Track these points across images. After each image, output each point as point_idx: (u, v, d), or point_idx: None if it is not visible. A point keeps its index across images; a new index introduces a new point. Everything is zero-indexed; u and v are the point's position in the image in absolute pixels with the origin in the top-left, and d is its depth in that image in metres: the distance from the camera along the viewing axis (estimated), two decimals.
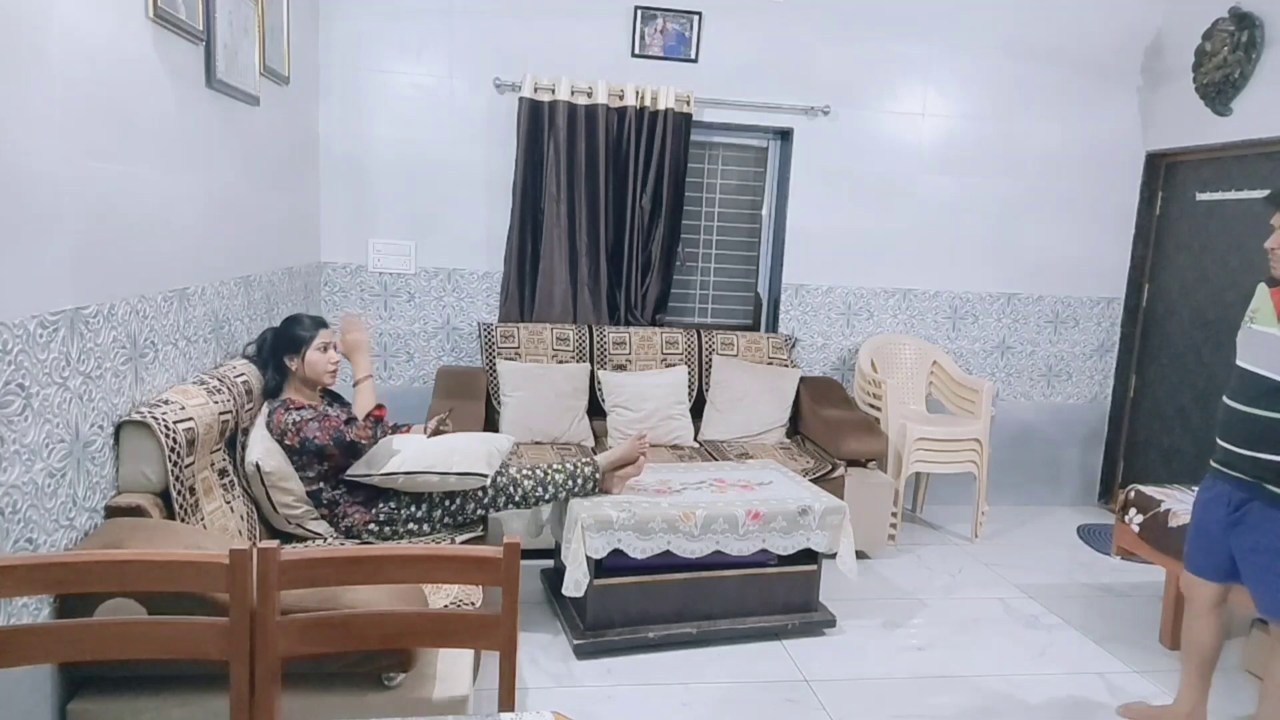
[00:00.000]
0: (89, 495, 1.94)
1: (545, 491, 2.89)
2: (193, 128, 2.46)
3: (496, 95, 4.09)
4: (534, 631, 3.03)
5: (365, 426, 2.63)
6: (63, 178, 1.80)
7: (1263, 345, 2.22)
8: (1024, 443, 4.80)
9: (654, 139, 4.13)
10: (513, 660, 1.47)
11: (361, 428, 2.62)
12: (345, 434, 2.59)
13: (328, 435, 2.58)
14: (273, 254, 3.30)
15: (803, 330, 4.56)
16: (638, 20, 4.14)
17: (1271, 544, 2.22)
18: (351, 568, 1.46)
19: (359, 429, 2.62)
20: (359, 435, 2.60)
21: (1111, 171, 4.67)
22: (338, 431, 2.59)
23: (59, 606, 1.80)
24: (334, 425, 2.60)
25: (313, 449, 2.57)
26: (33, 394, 1.70)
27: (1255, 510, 2.25)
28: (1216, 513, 2.36)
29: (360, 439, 2.60)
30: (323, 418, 2.61)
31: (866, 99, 4.41)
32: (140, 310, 2.16)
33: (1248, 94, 3.98)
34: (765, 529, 2.99)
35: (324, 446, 2.57)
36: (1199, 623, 2.49)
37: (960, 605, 3.51)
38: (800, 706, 2.72)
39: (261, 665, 1.36)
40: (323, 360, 2.73)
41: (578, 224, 4.13)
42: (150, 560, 1.39)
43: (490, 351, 3.99)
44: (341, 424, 2.61)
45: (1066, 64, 4.51)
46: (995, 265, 4.66)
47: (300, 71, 3.56)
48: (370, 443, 2.63)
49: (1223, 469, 2.36)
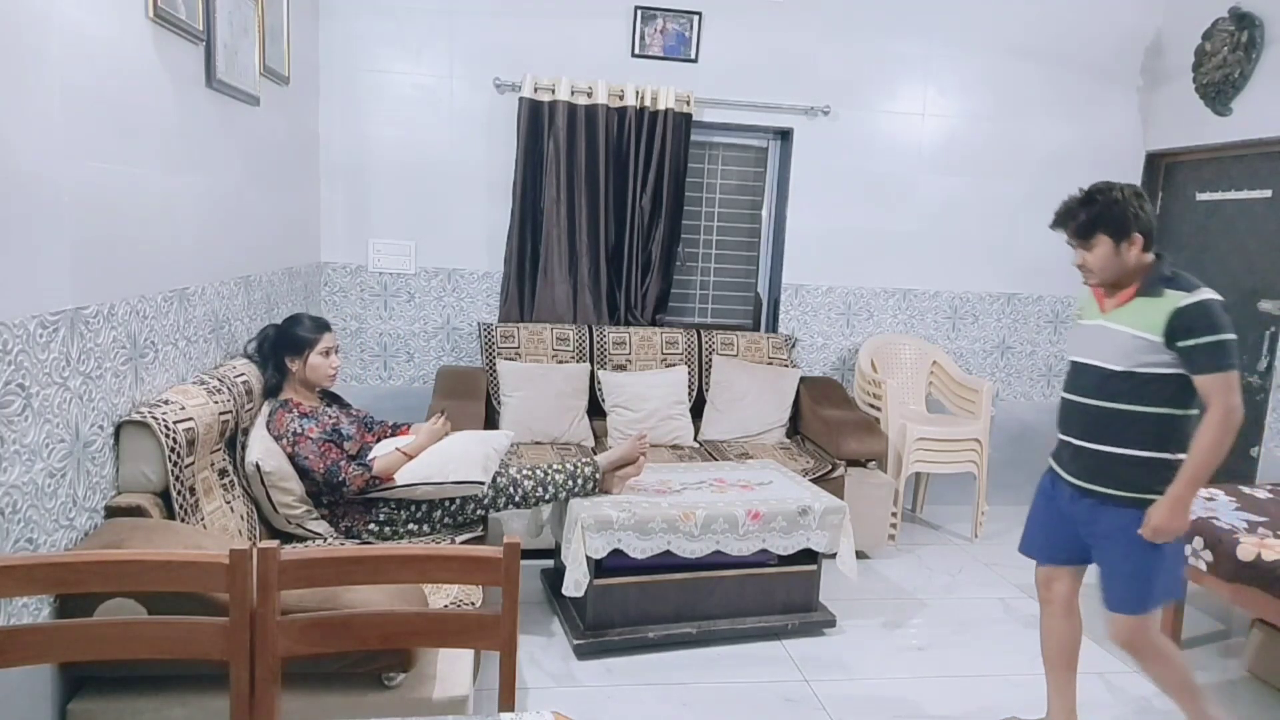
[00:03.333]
0: (89, 495, 1.94)
1: (545, 491, 2.89)
2: (193, 128, 2.46)
3: (496, 95, 4.09)
4: (534, 632, 3.03)
5: (364, 480, 2.57)
6: (63, 178, 1.80)
7: (1090, 337, 2.30)
8: (1024, 443, 4.80)
9: (654, 139, 4.13)
10: (513, 660, 1.47)
11: (360, 478, 2.57)
12: (341, 472, 2.54)
13: (323, 464, 2.54)
14: (273, 254, 3.30)
15: (803, 330, 4.56)
16: (638, 20, 4.14)
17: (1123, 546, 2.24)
18: (351, 568, 1.46)
19: (357, 478, 2.56)
20: (352, 483, 2.56)
21: (1111, 171, 4.61)
22: (334, 465, 2.55)
23: (59, 606, 1.80)
24: (334, 458, 2.56)
25: (301, 466, 2.55)
26: (33, 394, 1.70)
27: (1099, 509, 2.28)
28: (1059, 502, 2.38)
29: (352, 487, 2.56)
30: (324, 442, 2.58)
31: (866, 99, 4.41)
32: (140, 310, 2.16)
33: (1248, 94, 3.98)
34: (765, 529, 2.99)
35: (311, 471, 2.55)
36: (1057, 623, 2.48)
37: (960, 605, 3.51)
38: (800, 706, 2.72)
39: (261, 665, 1.36)
40: (324, 365, 2.73)
41: (578, 224, 4.13)
42: (150, 560, 1.39)
43: (490, 351, 3.99)
44: (342, 458, 2.57)
45: (1067, 64, 4.51)
46: (995, 265, 4.66)
47: (300, 71, 3.56)
48: (358, 495, 2.60)
49: (1056, 464, 2.41)
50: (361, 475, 2.57)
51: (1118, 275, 2.24)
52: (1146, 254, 2.23)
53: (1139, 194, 2.22)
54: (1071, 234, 2.27)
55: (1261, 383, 3.97)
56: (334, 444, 2.61)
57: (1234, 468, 4.06)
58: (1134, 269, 2.23)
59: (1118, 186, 2.22)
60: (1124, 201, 2.19)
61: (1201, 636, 3.31)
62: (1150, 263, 2.23)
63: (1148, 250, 2.23)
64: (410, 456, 2.68)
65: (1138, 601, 2.25)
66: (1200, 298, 2.12)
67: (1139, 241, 2.19)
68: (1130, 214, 2.18)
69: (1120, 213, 2.18)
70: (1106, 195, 2.21)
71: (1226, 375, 2.08)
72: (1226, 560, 2.73)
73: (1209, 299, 2.12)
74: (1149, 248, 2.23)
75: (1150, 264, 2.22)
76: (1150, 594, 2.25)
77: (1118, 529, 2.23)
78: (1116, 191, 2.21)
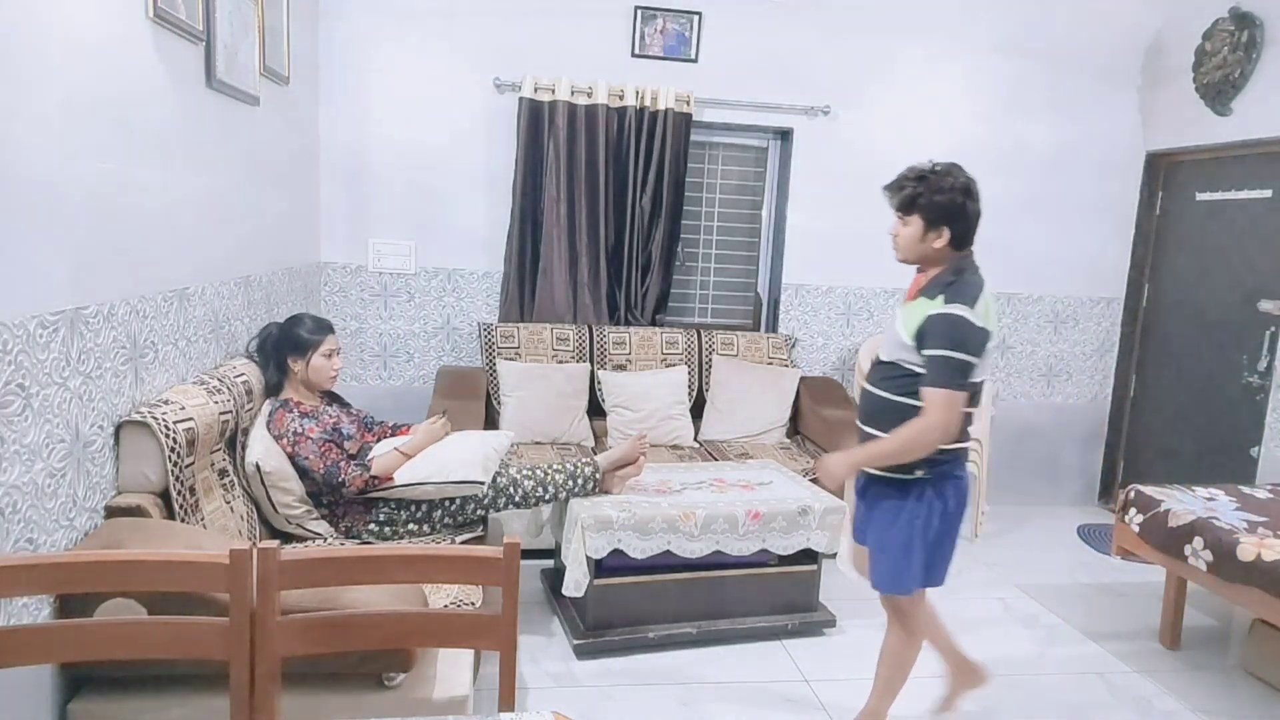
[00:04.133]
0: (89, 495, 1.94)
1: (545, 491, 2.89)
2: (193, 128, 2.46)
3: (496, 95, 4.09)
4: (534, 631, 3.03)
5: (363, 480, 2.58)
6: (63, 178, 1.80)
7: (888, 325, 2.31)
8: (1024, 443, 4.80)
9: (654, 139, 4.13)
10: (513, 660, 1.47)
11: (359, 478, 2.57)
12: (340, 472, 2.55)
13: (322, 464, 2.55)
14: (273, 254, 3.30)
15: (803, 330, 4.56)
16: (638, 20, 4.14)
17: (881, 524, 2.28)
18: (351, 568, 1.46)
19: (357, 479, 2.56)
20: (351, 484, 2.56)
21: (1111, 171, 4.67)
22: (334, 466, 2.55)
23: (59, 606, 1.80)
24: (333, 458, 2.57)
25: (300, 466, 2.55)
26: (33, 394, 1.70)
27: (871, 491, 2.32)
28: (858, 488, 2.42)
29: (351, 487, 2.57)
30: (324, 442, 2.58)
31: (866, 99, 4.41)
32: (140, 310, 2.16)
33: (1248, 94, 3.98)
34: (765, 529, 2.99)
35: (311, 471, 2.55)
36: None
37: (960, 605, 3.51)
38: (800, 706, 2.72)
39: (261, 665, 1.36)
40: (326, 366, 2.73)
41: (578, 224, 4.13)
42: (150, 560, 1.39)
43: (490, 351, 3.99)
44: (342, 458, 2.58)
45: (1067, 64, 4.51)
46: (995, 265, 4.59)
47: (300, 71, 3.56)
48: (358, 495, 2.60)
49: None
50: (361, 475, 2.57)
51: (917, 258, 2.25)
52: (957, 252, 2.21)
53: (969, 190, 2.21)
54: (893, 203, 2.28)
55: (1261, 383, 3.97)
56: (334, 444, 2.61)
57: (1234, 468, 4.06)
58: (935, 261, 2.22)
59: (957, 175, 2.21)
60: (949, 192, 2.18)
61: (1201, 636, 3.31)
62: (952, 264, 2.20)
63: (961, 249, 2.21)
64: (409, 456, 2.67)
65: (892, 580, 2.28)
66: (950, 311, 2.09)
67: (946, 236, 2.18)
68: (950, 207, 2.17)
69: (941, 202, 2.17)
70: (937, 180, 2.19)
71: (946, 394, 2.06)
72: (1226, 560, 2.73)
73: (956, 314, 2.08)
74: (961, 247, 2.21)
75: (950, 265, 2.20)
76: (902, 576, 2.26)
77: (877, 508, 2.27)
78: (950, 179, 2.19)
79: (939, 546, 2.25)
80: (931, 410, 2.07)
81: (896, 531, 2.23)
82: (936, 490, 2.21)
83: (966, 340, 2.08)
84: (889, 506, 2.25)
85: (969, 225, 2.21)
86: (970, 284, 2.16)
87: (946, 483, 2.22)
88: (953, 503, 2.24)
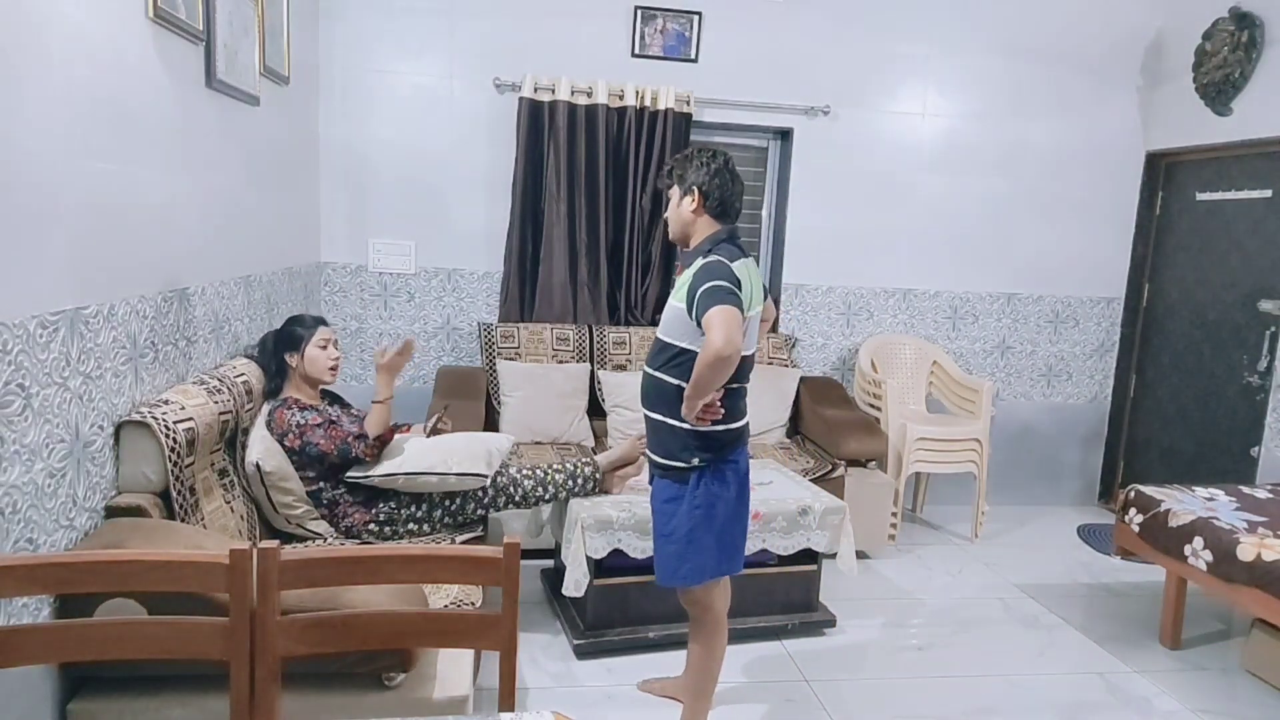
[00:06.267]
0: (89, 495, 1.94)
1: (545, 491, 2.89)
2: (193, 128, 2.46)
3: (496, 95, 4.09)
4: (534, 631, 3.03)
5: (373, 448, 2.61)
6: (63, 178, 1.80)
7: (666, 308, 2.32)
8: (1024, 443, 4.80)
9: (654, 139, 4.13)
10: (513, 660, 1.47)
11: (370, 448, 2.60)
12: (352, 449, 2.58)
13: (333, 445, 2.57)
14: (273, 254, 3.30)
15: (803, 330, 4.56)
16: (638, 20, 4.13)
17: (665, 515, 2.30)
18: (351, 568, 1.46)
19: (366, 448, 2.60)
20: (364, 454, 2.59)
21: (1111, 171, 4.67)
22: (344, 444, 2.58)
23: (59, 606, 1.80)
24: (341, 437, 2.58)
25: (313, 454, 2.56)
26: (33, 394, 1.70)
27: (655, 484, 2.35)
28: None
29: (365, 457, 2.60)
30: (329, 425, 2.60)
31: (866, 99, 4.41)
32: (140, 310, 2.16)
33: (1248, 94, 3.98)
34: (765, 529, 2.98)
35: (325, 455, 2.57)
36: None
37: (960, 605, 3.51)
38: (800, 706, 2.72)
39: (261, 665, 1.36)
40: (323, 357, 2.73)
41: (578, 224, 4.13)
42: (150, 560, 1.39)
43: (490, 351, 3.99)
44: (350, 438, 2.60)
45: (1067, 64, 4.51)
46: (995, 265, 4.66)
47: (300, 71, 3.56)
48: (374, 462, 2.63)
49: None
50: (367, 444, 2.59)
51: (679, 230, 2.30)
52: (714, 224, 2.25)
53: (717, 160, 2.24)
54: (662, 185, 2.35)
55: (1261, 383, 3.97)
56: (336, 424, 2.62)
57: (1234, 468, 4.07)
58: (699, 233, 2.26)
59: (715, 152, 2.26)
60: (696, 156, 2.24)
61: (1201, 636, 3.31)
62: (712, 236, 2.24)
63: (720, 221, 2.25)
64: (384, 401, 2.68)
65: (673, 571, 2.29)
66: (708, 260, 2.15)
67: (698, 199, 2.23)
68: (694, 168, 2.23)
69: (687, 165, 2.24)
70: (692, 155, 2.26)
71: (720, 309, 2.06)
72: (1226, 560, 2.73)
73: (713, 259, 2.15)
74: (721, 220, 2.25)
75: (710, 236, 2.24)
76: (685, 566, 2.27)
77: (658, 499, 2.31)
78: (706, 153, 2.25)
79: (726, 532, 2.29)
80: (711, 329, 2.06)
81: (679, 521, 2.25)
82: (716, 476, 2.24)
83: (725, 276, 2.12)
84: (670, 497, 2.27)
85: (724, 191, 2.25)
86: (730, 249, 2.22)
87: (725, 467, 2.26)
88: (734, 488, 2.28)
